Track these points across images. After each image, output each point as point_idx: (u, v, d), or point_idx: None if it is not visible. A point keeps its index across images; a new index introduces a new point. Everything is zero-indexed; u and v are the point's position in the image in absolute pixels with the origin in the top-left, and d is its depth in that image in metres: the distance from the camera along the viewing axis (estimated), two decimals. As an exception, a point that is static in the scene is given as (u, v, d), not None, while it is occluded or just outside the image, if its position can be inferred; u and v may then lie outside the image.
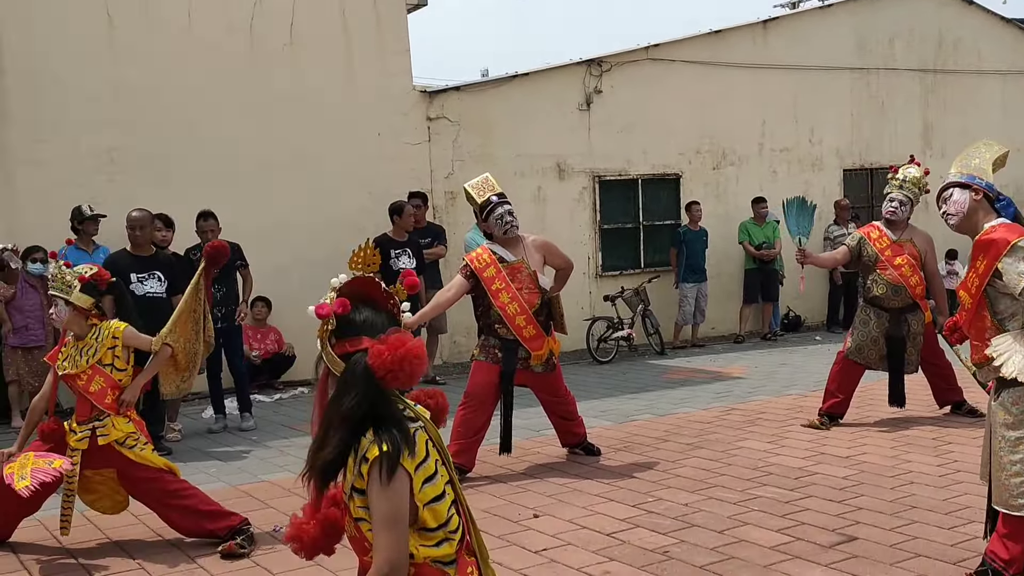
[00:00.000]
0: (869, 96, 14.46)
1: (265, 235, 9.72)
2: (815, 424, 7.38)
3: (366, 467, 2.38)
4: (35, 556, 5.04)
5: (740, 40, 13.50)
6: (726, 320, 13.31)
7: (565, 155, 12.31)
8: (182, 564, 4.83)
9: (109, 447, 5.03)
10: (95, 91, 9.51)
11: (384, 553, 2.35)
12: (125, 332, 5.19)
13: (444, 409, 2.68)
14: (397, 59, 11.13)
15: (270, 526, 5.35)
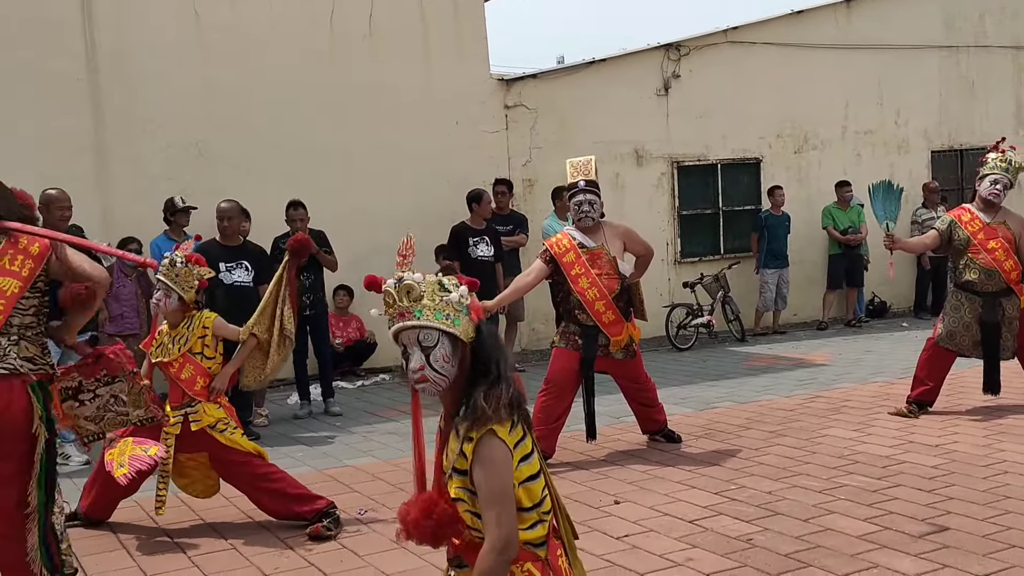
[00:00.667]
0: (958, 75, 14.00)
1: (345, 224, 9.88)
2: (903, 412, 7.22)
3: (470, 446, 2.40)
4: (132, 535, 5.24)
5: (822, 20, 13.20)
6: (808, 306, 13.08)
7: (643, 141, 12.22)
8: (273, 546, 4.97)
9: (201, 432, 5.20)
10: (183, 87, 9.77)
11: (497, 530, 2.37)
12: (215, 322, 5.36)
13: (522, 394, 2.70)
14: (474, 48, 11.18)
15: (355, 510, 5.46)
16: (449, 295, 2.51)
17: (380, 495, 5.77)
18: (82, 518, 5.38)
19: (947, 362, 7.27)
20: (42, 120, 9.15)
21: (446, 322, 2.49)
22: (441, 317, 2.49)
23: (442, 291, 2.51)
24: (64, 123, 9.25)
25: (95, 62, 9.45)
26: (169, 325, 5.37)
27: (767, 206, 12.53)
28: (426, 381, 2.47)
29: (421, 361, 2.47)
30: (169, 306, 5.29)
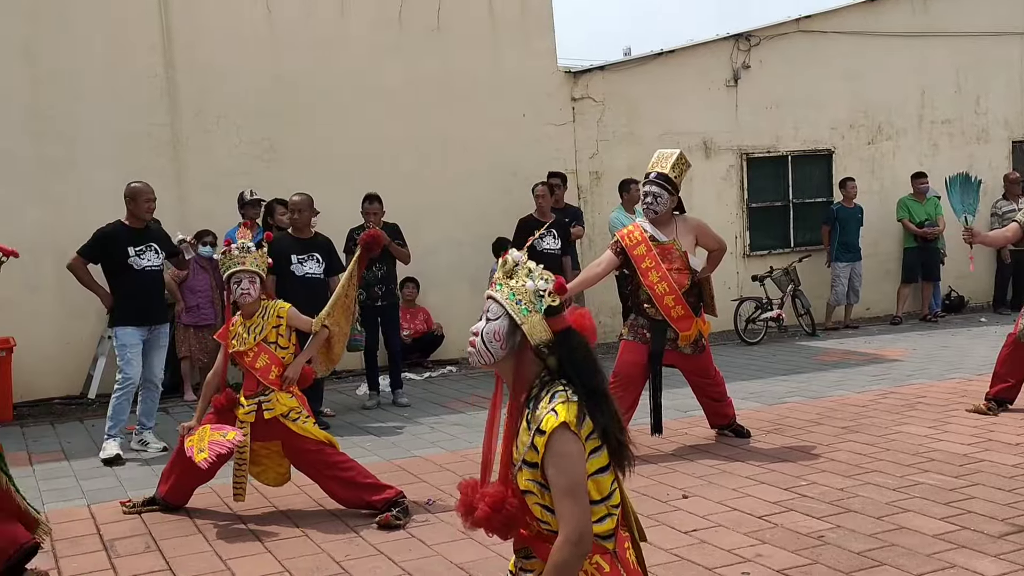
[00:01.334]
0: (1041, 62, 13.57)
1: (413, 217, 9.94)
2: (982, 409, 7.03)
3: (542, 439, 2.41)
4: (209, 521, 5.37)
5: (897, 7, 12.89)
6: (882, 301, 12.81)
7: (711, 133, 12.09)
8: (343, 533, 5.05)
9: (275, 420, 5.30)
10: (256, 81, 9.95)
11: (571, 523, 2.38)
12: (289, 312, 5.46)
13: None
14: (542, 41, 11.17)
15: (423, 499, 5.51)
16: (528, 283, 2.56)
17: (447, 485, 5.82)
18: (161, 503, 5.53)
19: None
20: (121, 116, 9.40)
21: (515, 305, 2.53)
22: (513, 298, 2.55)
23: (527, 277, 2.57)
24: (142, 118, 9.50)
25: (171, 57, 9.68)
26: (244, 315, 5.46)
27: (839, 198, 12.29)
28: (473, 347, 2.57)
29: (478, 328, 2.57)
30: (257, 292, 5.39)
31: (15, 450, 7.32)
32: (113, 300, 7.06)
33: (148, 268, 7.07)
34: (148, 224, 7.16)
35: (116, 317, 7.09)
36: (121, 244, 6.99)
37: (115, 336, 7.14)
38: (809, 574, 4.19)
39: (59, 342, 9.20)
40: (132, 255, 6.99)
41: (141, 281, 7.02)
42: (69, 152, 9.24)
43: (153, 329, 7.15)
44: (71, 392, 9.22)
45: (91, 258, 7.07)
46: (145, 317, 7.06)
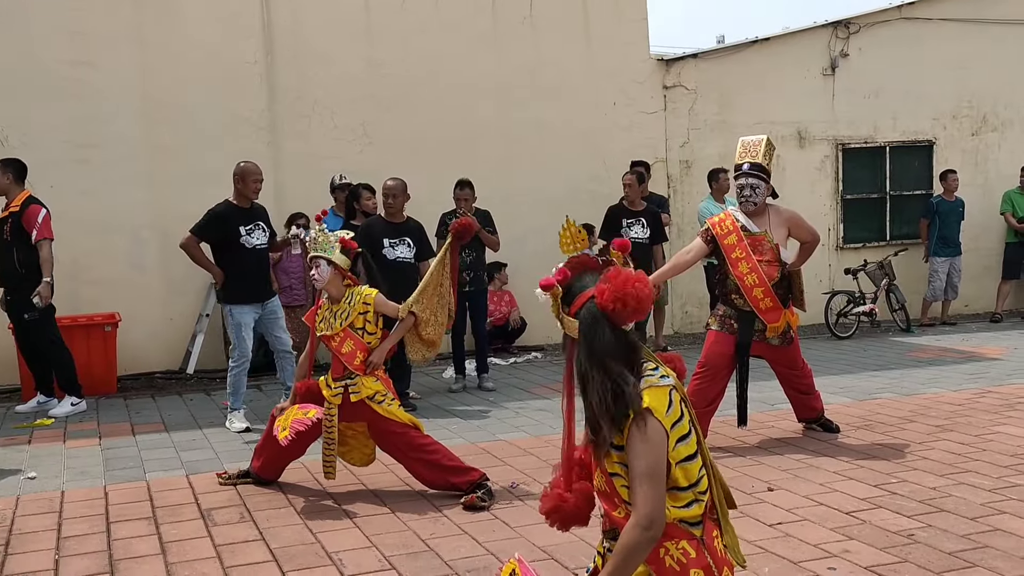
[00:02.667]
0: None
1: (503, 204, 10.02)
2: None
3: (627, 423, 2.44)
4: (300, 496, 5.53)
5: (1008, -6, 12.42)
6: (982, 297, 12.41)
7: (806, 122, 11.86)
8: (429, 513, 5.15)
9: (361, 403, 5.41)
10: (351, 68, 10.14)
11: (644, 508, 2.40)
12: (376, 298, 5.51)
13: (682, 373, 2.70)
14: (634, 27, 11.11)
15: (507, 482, 5.58)
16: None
17: (531, 469, 5.88)
18: (254, 476, 5.72)
19: None
20: (223, 101, 9.69)
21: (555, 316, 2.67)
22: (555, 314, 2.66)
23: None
24: (242, 104, 9.77)
25: (271, 44, 9.93)
26: (331, 299, 5.55)
27: (939, 191, 11.94)
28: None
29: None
30: (324, 276, 5.43)
31: (118, 421, 7.67)
32: (225, 278, 7.27)
33: (258, 247, 7.30)
34: (253, 204, 7.39)
35: (228, 295, 7.29)
36: (233, 223, 7.21)
37: (230, 314, 7.34)
38: (898, 572, 4.12)
39: (162, 319, 9.56)
40: (243, 234, 7.22)
41: (252, 259, 7.25)
42: (174, 136, 9.56)
43: (265, 305, 7.40)
44: (171, 367, 9.58)
45: (204, 237, 7.30)
46: (256, 294, 7.32)
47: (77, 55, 9.24)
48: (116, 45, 9.39)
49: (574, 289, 2.59)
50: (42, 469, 6.20)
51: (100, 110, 9.31)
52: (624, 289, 2.43)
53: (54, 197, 8.48)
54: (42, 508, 5.36)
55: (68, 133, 9.21)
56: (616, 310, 2.44)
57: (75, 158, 9.24)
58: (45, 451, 6.72)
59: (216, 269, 7.31)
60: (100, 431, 7.32)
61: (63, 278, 8.30)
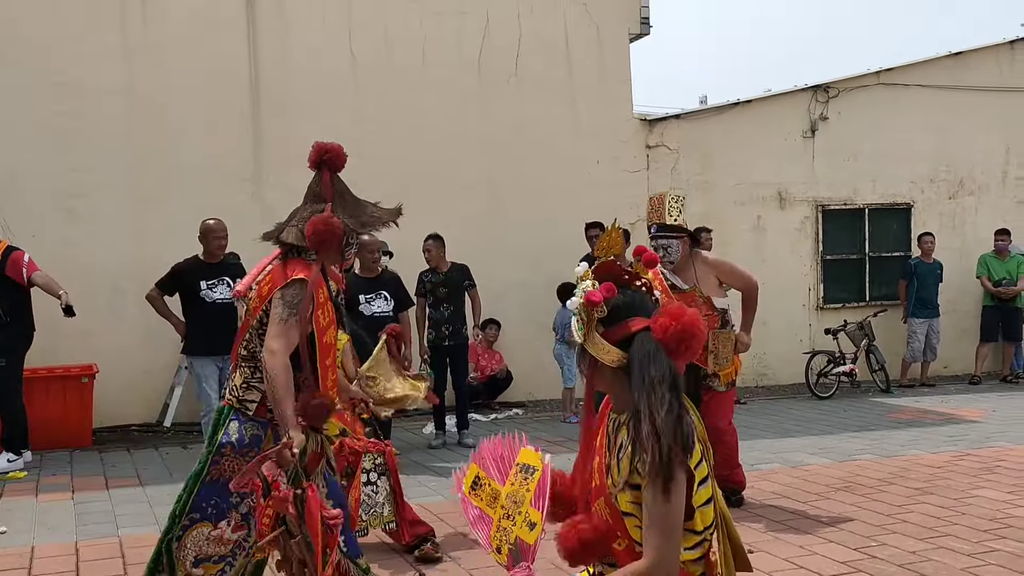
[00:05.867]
0: None
1: (487, 259, 10.07)
2: None
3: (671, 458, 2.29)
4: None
5: (983, 62, 12.71)
6: (961, 359, 12.48)
7: (787, 184, 12.01)
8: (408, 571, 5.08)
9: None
10: (337, 121, 10.19)
11: (655, 556, 2.29)
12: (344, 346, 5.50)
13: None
14: (618, 88, 11.28)
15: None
16: (574, 299, 2.46)
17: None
18: None
19: None
20: (208, 152, 9.74)
21: (576, 324, 2.47)
22: (575, 316, 2.47)
23: (579, 291, 2.47)
24: (228, 155, 9.82)
25: (258, 95, 10.01)
26: None
27: (917, 253, 12.08)
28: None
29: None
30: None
31: (92, 474, 7.56)
32: (186, 330, 7.59)
33: (219, 301, 7.49)
34: (224, 259, 7.50)
35: (190, 346, 7.68)
36: (194, 278, 7.54)
37: (191, 366, 7.60)
38: (877, 638, 4.09)
39: (139, 371, 9.48)
40: (204, 288, 7.51)
41: (211, 313, 7.47)
42: (158, 187, 9.59)
43: (227, 358, 7.38)
44: (148, 420, 9.47)
45: (166, 290, 7.68)
46: (215, 347, 7.33)
47: (65, 105, 9.28)
48: (104, 95, 9.45)
49: (620, 308, 2.43)
50: (12, 523, 6.09)
51: (87, 160, 9.33)
52: (685, 327, 2.33)
53: (36, 247, 8.46)
54: (12, 564, 5.26)
55: (53, 183, 9.22)
56: (675, 348, 2.34)
57: (59, 208, 9.23)
58: (16, 505, 6.61)
59: (176, 319, 7.68)
60: (73, 485, 7.20)
61: (41, 329, 8.23)
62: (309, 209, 3.86)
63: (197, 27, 9.78)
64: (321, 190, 3.90)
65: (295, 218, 3.86)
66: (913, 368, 12.03)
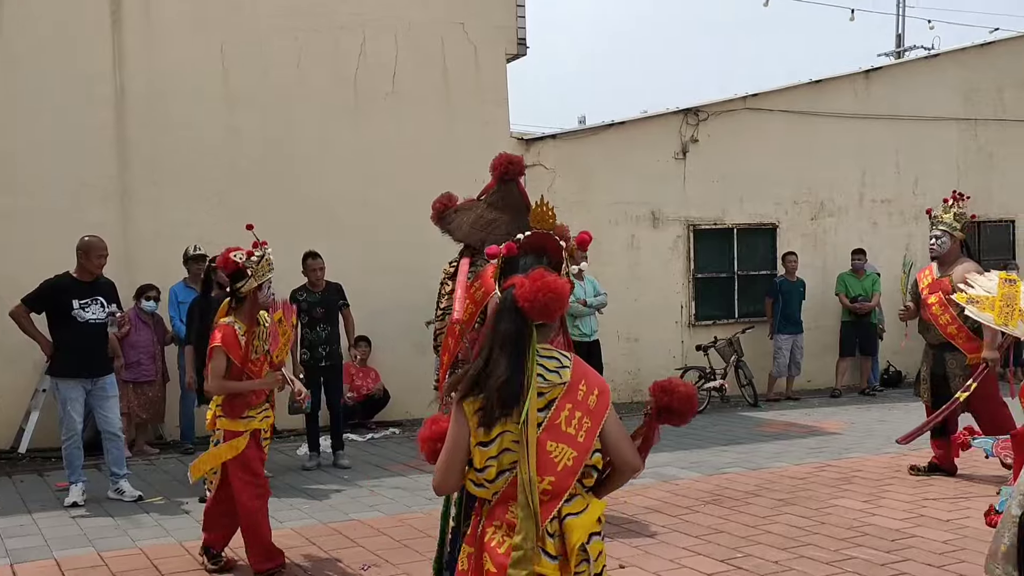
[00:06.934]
0: (977, 147, 14.08)
1: (364, 278, 9.96)
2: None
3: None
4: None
5: (841, 90, 13.35)
6: (823, 373, 13.02)
7: (660, 203, 12.32)
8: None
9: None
10: (208, 136, 9.97)
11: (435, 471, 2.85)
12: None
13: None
14: (495, 108, 11.36)
15: (358, 564, 5.44)
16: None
17: (385, 551, 5.75)
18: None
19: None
20: (71, 167, 9.34)
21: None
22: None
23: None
24: (91, 170, 9.44)
25: (123, 110, 9.67)
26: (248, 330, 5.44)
27: (782, 271, 12.57)
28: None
29: None
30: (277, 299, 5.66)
31: (-62, 505, 7.10)
32: (53, 350, 7.13)
33: (92, 321, 7.11)
34: (98, 278, 7.21)
35: (55, 368, 7.21)
36: (67, 296, 7.06)
37: (57, 388, 7.22)
38: (741, 648, 4.20)
39: (-8, 393, 8.98)
40: (76, 307, 7.07)
41: (83, 333, 7.07)
42: (15, 201, 9.13)
43: (97, 381, 7.16)
44: (2, 446, 8.98)
45: (35, 308, 7.17)
46: (85, 369, 7.08)
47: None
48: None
49: (513, 266, 2.88)
50: None
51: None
52: (539, 289, 2.66)
53: None
54: None
55: None
56: (527, 307, 2.67)
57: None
58: None
59: (44, 340, 7.20)
60: (-85, 517, 6.76)
61: None
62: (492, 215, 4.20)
63: (59, 37, 9.39)
64: (520, 199, 4.22)
65: (489, 224, 4.11)
66: (779, 382, 12.48)
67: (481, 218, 4.12)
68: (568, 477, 2.72)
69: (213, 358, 5.27)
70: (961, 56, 14.16)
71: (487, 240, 3.96)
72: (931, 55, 14.93)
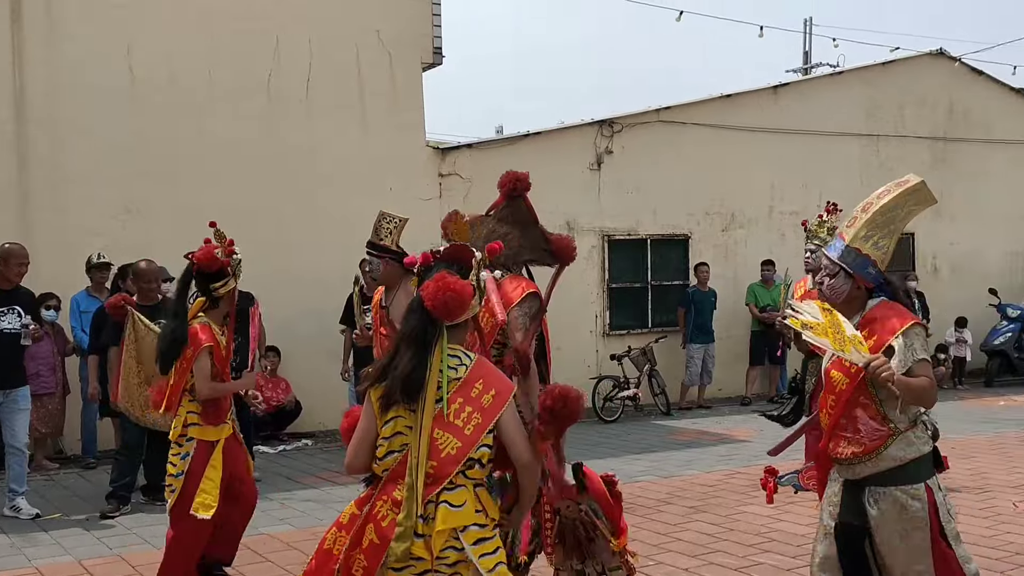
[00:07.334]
0: (878, 162, 14.57)
1: (276, 286, 9.78)
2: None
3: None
4: None
5: (751, 104, 13.66)
6: (733, 382, 13.28)
7: (575, 214, 12.41)
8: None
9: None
10: (114, 141, 9.68)
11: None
12: None
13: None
14: (410, 116, 11.31)
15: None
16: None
17: (295, 565, 5.64)
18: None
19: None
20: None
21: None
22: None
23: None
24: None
25: (22, 110, 9.33)
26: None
27: (694, 282, 12.78)
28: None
29: None
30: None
31: None
32: None
33: (6, 331, 6.87)
34: (17, 287, 6.97)
35: None
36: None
37: None
38: (651, 656, 4.24)
39: None
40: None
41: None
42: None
43: (8, 393, 6.89)
44: None
45: None
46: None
47: None
48: None
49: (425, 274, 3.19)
50: None
51: None
52: (438, 290, 3.02)
53: None
54: None
55: None
56: (431, 306, 3.03)
57: None
58: None
59: None
60: None
61: None
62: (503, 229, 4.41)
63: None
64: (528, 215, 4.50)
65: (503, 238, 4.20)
66: (691, 391, 12.69)
67: (494, 232, 4.38)
68: (449, 465, 2.98)
69: (199, 359, 4.97)
70: (864, 73, 14.65)
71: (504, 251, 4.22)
72: (836, 72, 15.45)
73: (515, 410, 3.12)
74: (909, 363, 3.42)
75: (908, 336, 3.47)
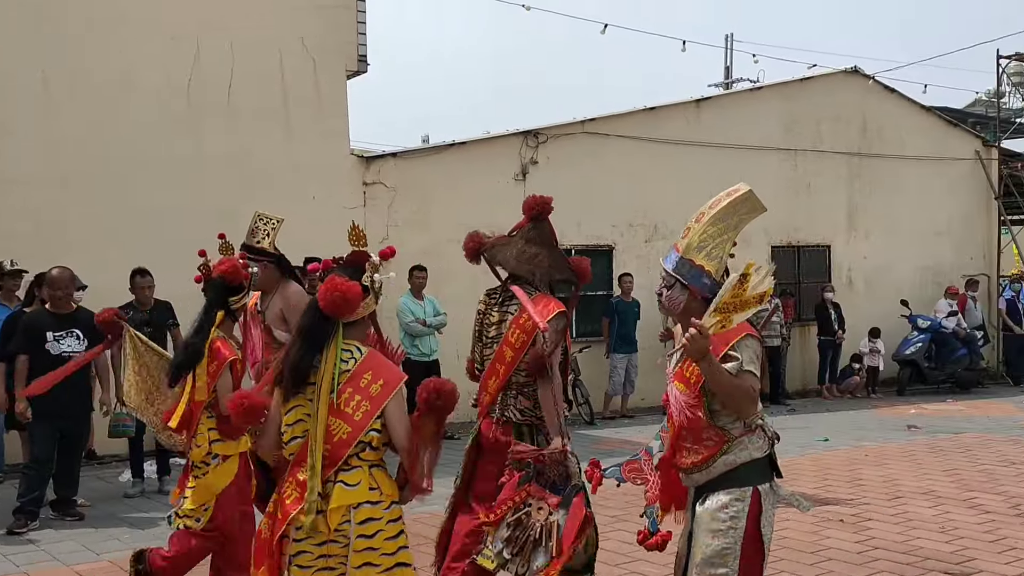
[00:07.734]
0: (796, 176, 14.94)
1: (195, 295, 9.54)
2: None
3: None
4: None
5: (673, 117, 13.87)
6: (656, 391, 13.33)
7: (500, 224, 12.20)
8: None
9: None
10: (25, 145, 9.38)
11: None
12: None
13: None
14: (334, 123, 11.20)
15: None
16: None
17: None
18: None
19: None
20: None
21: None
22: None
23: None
24: None
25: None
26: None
27: (618, 292, 12.90)
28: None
29: None
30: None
31: None
32: None
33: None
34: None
35: None
36: None
37: None
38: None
39: None
40: None
41: None
42: None
43: None
44: None
45: None
46: None
47: None
48: None
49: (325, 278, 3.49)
50: None
51: None
52: (326, 290, 3.36)
53: None
54: None
55: None
56: (321, 305, 3.38)
57: None
58: None
59: None
60: None
61: None
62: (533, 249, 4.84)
63: None
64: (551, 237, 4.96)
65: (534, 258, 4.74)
66: (614, 400, 12.79)
67: (524, 252, 4.82)
68: (342, 448, 3.33)
69: (223, 375, 4.80)
70: (783, 89, 15.01)
71: (534, 271, 4.82)
72: (756, 87, 15.77)
73: (402, 399, 3.44)
74: (735, 372, 3.40)
75: (739, 347, 3.44)
